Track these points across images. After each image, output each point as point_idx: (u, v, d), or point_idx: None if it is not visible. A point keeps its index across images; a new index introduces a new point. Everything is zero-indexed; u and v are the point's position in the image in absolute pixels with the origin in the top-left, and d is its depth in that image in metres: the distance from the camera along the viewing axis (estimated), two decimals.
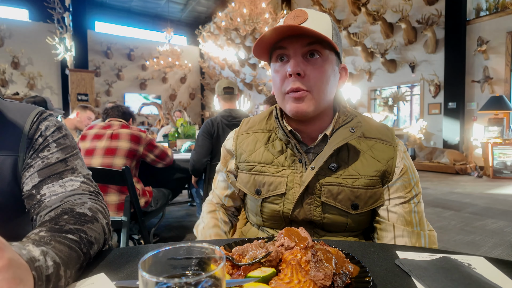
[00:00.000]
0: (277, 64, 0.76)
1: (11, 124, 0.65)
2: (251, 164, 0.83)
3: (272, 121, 0.87)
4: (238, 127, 0.92)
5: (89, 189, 0.68)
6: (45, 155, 0.67)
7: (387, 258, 0.58)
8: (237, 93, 2.46)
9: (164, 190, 2.39)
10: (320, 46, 0.72)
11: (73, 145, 0.72)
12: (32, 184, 0.64)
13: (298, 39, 0.71)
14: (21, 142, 0.65)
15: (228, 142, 0.92)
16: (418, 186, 0.79)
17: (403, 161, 0.77)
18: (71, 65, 8.64)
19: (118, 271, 0.53)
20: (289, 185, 0.78)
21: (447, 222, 3.20)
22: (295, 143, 0.77)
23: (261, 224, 0.86)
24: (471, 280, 0.47)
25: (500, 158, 5.72)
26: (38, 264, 0.41)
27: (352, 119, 0.78)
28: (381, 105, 7.53)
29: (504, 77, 6.12)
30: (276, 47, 0.74)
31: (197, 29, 12.50)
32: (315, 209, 0.76)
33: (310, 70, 0.72)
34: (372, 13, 7.46)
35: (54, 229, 0.51)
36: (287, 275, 0.46)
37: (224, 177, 0.93)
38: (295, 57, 0.72)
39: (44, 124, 0.69)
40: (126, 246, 1.78)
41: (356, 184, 0.74)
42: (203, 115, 14.36)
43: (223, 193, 0.95)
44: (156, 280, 0.28)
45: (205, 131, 2.24)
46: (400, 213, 0.76)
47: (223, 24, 8.05)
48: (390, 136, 0.80)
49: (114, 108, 2.18)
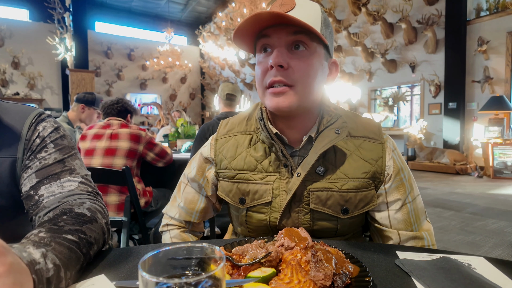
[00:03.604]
0: (261, 55, 0.70)
1: (9, 126, 0.65)
2: (233, 172, 0.77)
3: (253, 122, 0.80)
4: (216, 131, 0.84)
5: (87, 189, 0.67)
6: (43, 156, 0.66)
7: (387, 258, 0.58)
8: (239, 97, 2.47)
9: (165, 190, 2.39)
10: (307, 37, 0.66)
11: (71, 145, 0.72)
12: (30, 185, 0.64)
13: (283, 28, 0.65)
14: (19, 143, 0.65)
15: (205, 149, 0.83)
16: (410, 183, 0.75)
17: (394, 161, 0.74)
18: (71, 65, 8.65)
19: (118, 271, 0.53)
20: (275, 192, 0.73)
21: (448, 222, 3.20)
22: (280, 147, 0.71)
23: (246, 234, 0.81)
24: (471, 280, 0.47)
25: (501, 158, 5.71)
26: (39, 267, 0.42)
27: (336, 119, 0.73)
28: (381, 105, 7.53)
29: (505, 77, 6.12)
30: (260, 35, 0.68)
31: (198, 29, 12.52)
32: (303, 216, 0.72)
33: (294, 63, 0.66)
34: (373, 13, 7.46)
35: (54, 229, 0.51)
36: (287, 275, 0.46)
37: (196, 189, 0.85)
38: (279, 48, 0.66)
39: (42, 125, 0.69)
40: (126, 246, 1.78)
41: (345, 187, 0.70)
42: (203, 115, 14.36)
43: (193, 207, 0.85)
44: (156, 280, 0.28)
45: (201, 136, 2.25)
46: (400, 218, 0.73)
47: (223, 24, 8.05)
48: (377, 133, 0.75)
49: (110, 107, 2.17)
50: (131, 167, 1.96)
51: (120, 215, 1.89)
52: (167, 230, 0.89)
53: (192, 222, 0.89)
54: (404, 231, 0.73)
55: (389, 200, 0.74)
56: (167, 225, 0.89)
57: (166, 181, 2.52)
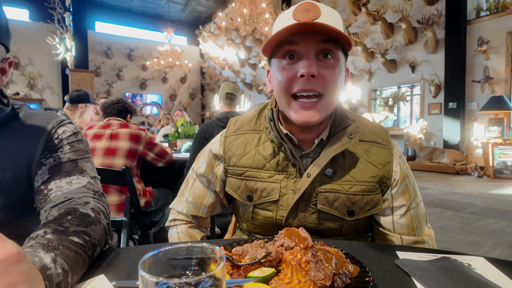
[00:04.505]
0: (284, 61, 0.68)
1: (33, 128, 0.71)
2: (241, 169, 0.78)
3: (262, 121, 0.81)
4: (225, 128, 0.85)
5: (94, 189, 0.70)
6: (58, 155, 0.70)
7: (387, 258, 0.58)
8: (239, 97, 2.46)
9: (164, 190, 2.39)
10: (334, 45, 0.66)
11: (86, 149, 0.76)
12: (42, 180, 0.67)
13: (312, 36, 0.65)
14: (39, 144, 0.69)
15: (215, 145, 0.84)
16: (415, 189, 0.77)
17: (400, 167, 0.75)
18: (71, 65, 8.65)
19: (118, 271, 0.53)
20: (282, 191, 0.74)
21: (448, 222, 3.20)
22: (290, 147, 0.72)
23: (252, 230, 0.83)
24: (471, 280, 0.47)
25: (501, 158, 5.71)
26: (50, 273, 0.43)
27: (350, 124, 0.74)
28: (381, 105, 7.53)
29: (505, 77, 6.12)
30: (285, 42, 0.67)
31: (197, 29, 12.51)
32: (309, 216, 0.74)
33: (324, 72, 0.66)
34: (373, 13, 7.46)
35: (59, 231, 0.52)
36: (287, 275, 0.46)
37: (205, 184, 0.86)
38: (308, 57, 0.65)
39: (62, 129, 0.74)
40: (126, 246, 1.78)
41: (353, 190, 0.72)
42: (203, 115, 14.36)
43: (201, 202, 0.86)
44: (156, 280, 0.28)
45: (200, 135, 2.25)
46: (404, 223, 0.75)
47: (223, 24, 8.05)
48: (385, 138, 0.77)
49: (110, 106, 2.17)
50: (131, 167, 1.96)
51: (120, 215, 1.89)
52: (174, 225, 0.90)
53: (199, 217, 0.89)
54: (406, 236, 0.74)
55: (394, 205, 0.75)
56: (174, 220, 0.90)
57: (166, 181, 2.52)
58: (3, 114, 0.69)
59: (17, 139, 0.68)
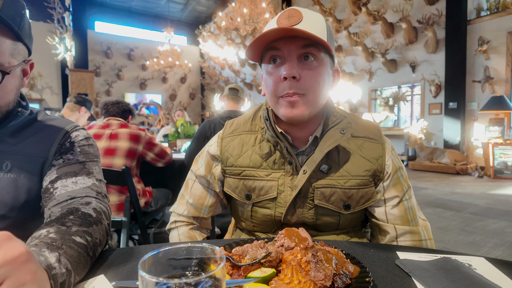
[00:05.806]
0: (270, 66, 0.73)
1: (49, 132, 0.74)
2: (239, 169, 0.80)
3: (257, 122, 0.84)
4: (222, 130, 0.88)
5: (98, 190, 0.71)
6: (67, 156, 0.73)
7: (387, 259, 0.58)
8: (243, 97, 2.54)
9: (164, 190, 2.39)
10: (315, 48, 0.70)
11: (95, 154, 0.78)
12: (50, 180, 0.69)
13: (293, 40, 0.69)
14: (52, 146, 0.72)
15: (212, 147, 0.86)
16: (407, 181, 0.80)
17: (392, 160, 0.78)
18: (71, 65, 8.65)
19: (118, 271, 0.53)
20: (280, 188, 0.77)
21: (448, 223, 3.20)
22: (285, 145, 0.75)
23: (251, 229, 0.84)
24: (472, 280, 0.47)
25: (501, 158, 5.71)
26: (55, 272, 0.43)
27: (341, 120, 0.78)
28: (382, 105, 7.53)
29: (505, 77, 6.11)
30: (269, 47, 0.71)
31: (197, 29, 12.51)
32: (307, 211, 0.76)
33: (305, 73, 0.70)
34: (373, 13, 7.45)
35: (62, 230, 0.52)
36: (287, 275, 0.46)
37: (205, 185, 0.88)
38: (290, 60, 0.69)
39: (75, 133, 0.76)
40: (126, 246, 1.78)
41: (348, 184, 0.75)
42: (203, 115, 14.36)
43: (202, 202, 0.88)
44: (156, 281, 0.27)
45: (201, 132, 2.26)
46: (397, 214, 0.77)
47: (223, 24, 8.05)
48: (377, 134, 0.80)
49: (114, 105, 2.18)
50: (131, 167, 1.96)
51: (120, 215, 1.89)
52: (175, 227, 0.91)
53: (201, 218, 0.91)
54: (400, 226, 0.77)
55: (386, 197, 0.78)
56: (175, 222, 0.91)
57: (166, 181, 2.52)
58: (22, 117, 0.72)
59: (34, 142, 0.71)
